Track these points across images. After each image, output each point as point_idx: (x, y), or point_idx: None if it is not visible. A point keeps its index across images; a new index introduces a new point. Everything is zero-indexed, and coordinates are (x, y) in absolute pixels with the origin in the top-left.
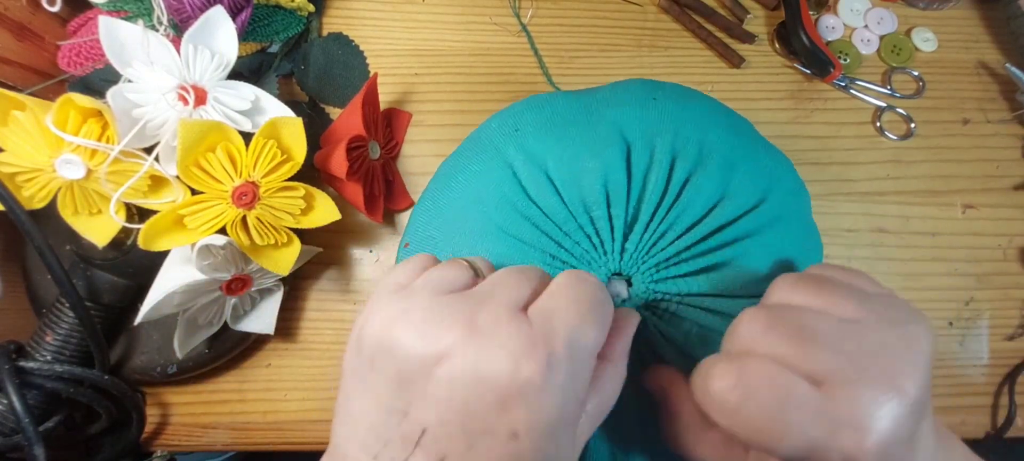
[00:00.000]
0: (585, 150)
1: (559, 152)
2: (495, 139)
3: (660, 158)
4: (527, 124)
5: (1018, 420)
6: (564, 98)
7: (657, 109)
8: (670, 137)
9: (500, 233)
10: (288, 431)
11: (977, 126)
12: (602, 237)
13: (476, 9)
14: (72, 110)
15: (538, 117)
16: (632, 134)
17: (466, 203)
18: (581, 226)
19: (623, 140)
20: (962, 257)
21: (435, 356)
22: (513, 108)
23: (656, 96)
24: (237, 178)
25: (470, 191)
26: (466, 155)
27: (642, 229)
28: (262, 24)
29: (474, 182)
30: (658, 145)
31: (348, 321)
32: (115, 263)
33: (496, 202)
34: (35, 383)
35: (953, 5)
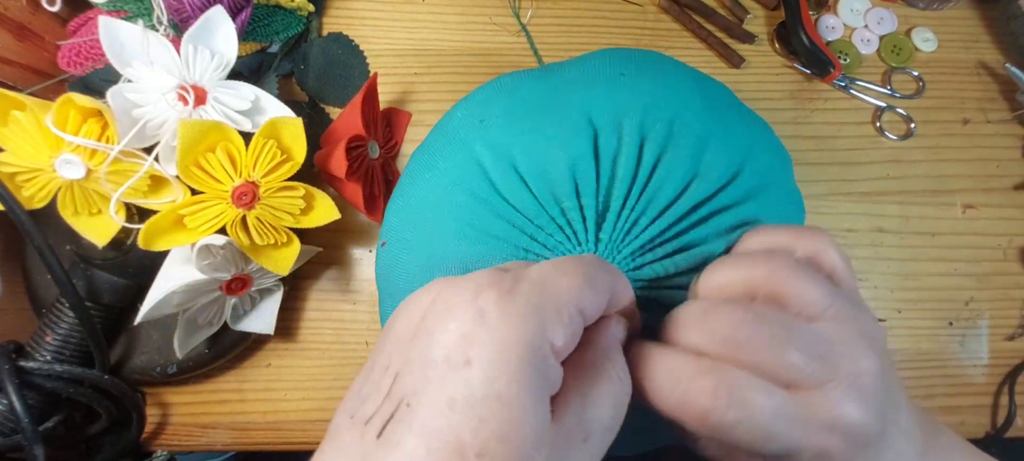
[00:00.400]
0: (552, 140)
1: (525, 143)
2: (461, 132)
3: (628, 141)
4: (492, 115)
5: (1018, 420)
6: (531, 80)
7: (625, 87)
8: (638, 117)
9: (473, 232)
10: (288, 431)
11: (977, 126)
12: (574, 228)
13: (476, 9)
14: (72, 110)
15: (504, 106)
16: (599, 118)
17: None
18: (553, 218)
19: (590, 126)
20: (962, 257)
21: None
22: (478, 95)
23: (624, 71)
24: (237, 178)
25: (440, 189)
26: (433, 150)
27: (615, 217)
28: (262, 24)
29: (442, 179)
30: (626, 127)
31: (348, 321)
32: (115, 263)
33: (466, 200)
34: (35, 383)
35: (953, 5)
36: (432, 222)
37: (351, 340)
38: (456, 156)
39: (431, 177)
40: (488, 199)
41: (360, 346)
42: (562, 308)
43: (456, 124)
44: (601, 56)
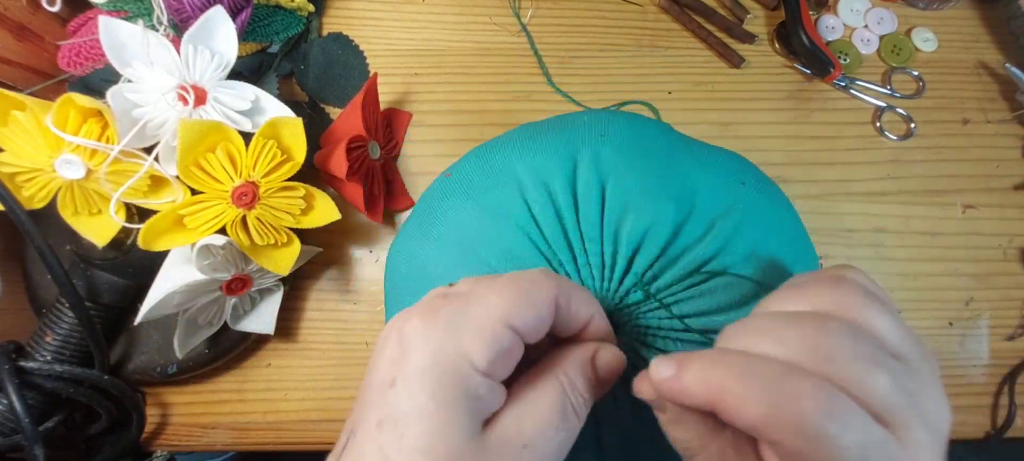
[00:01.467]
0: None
1: (623, 178)
2: (580, 129)
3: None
4: (614, 136)
5: (1018, 420)
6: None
7: (739, 194)
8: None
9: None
10: (288, 431)
11: (977, 126)
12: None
13: (476, 9)
14: (72, 110)
15: (626, 135)
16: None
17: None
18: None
19: (690, 203)
20: (962, 257)
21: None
22: (610, 113)
23: (746, 181)
24: (237, 178)
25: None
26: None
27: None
28: (262, 24)
29: (536, 157)
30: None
31: (348, 321)
32: (115, 263)
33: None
34: (35, 383)
35: (953, 5)
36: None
37: (351, 340)
38: (560, 145)
39: (525, 146)
40: (559, 196)
41: (360, 346)
42: (485, 327)
43: (578, 121)
44: (733, 156)
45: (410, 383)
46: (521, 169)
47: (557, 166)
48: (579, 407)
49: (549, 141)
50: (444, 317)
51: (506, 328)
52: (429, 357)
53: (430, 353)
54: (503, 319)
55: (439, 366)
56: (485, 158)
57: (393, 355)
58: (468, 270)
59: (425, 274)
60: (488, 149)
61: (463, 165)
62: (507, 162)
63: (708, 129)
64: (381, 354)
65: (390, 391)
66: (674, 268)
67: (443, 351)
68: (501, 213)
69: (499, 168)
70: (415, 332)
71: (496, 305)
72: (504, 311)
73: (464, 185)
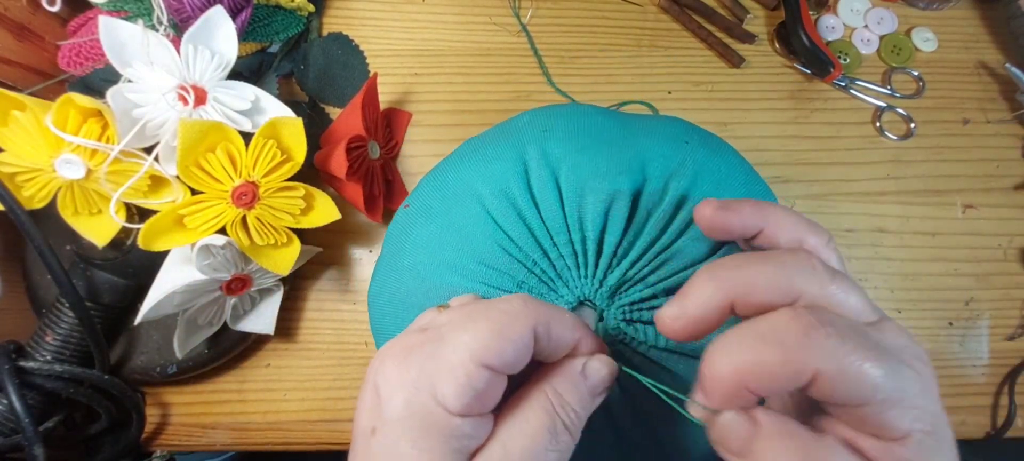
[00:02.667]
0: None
1: (576, 162)
2: (521, 132)
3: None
4: (557, 128)
5: (1018, 420)
6: (604, 116)
7: (685, 152)
8: (685, 182)
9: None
10: (288, 431)
11: (977, 126)
12: (588, 259)
13: (476, 9)
14: (72, 110)
15: (570, 125)
16: (652, 170)
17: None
18: (572, 241)
19: (641, 172)
20: (962, 257)
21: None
22: (552, 110)
23: (689, 140)
24: (237, 178)
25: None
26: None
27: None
28: (262, 24)
29: (486, 167)
30: (672, 187)
31: (348, 321)
32: (115, 263)
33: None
34: (35, 383)
35: (953, 5)
36: (461, 201)
37: (351, 340)
38: (507, 150)
39: (476, 161)
40: (519, 202)
41: (360, 346)
42: (456, 367)
43: (519, 124)
44: (674, 121)
45: (388, 432)
46: (476, 181)
47: (509, 171)
48: (571, 423)
49: (497, 149)
50: (415, 363)
51: (480, 368)
52: (403, 405)
53: (403, 400)
54: (476, 359)
55: (414, 414)
56: (440, 180)
57: (370, 403)
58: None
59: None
60: (441, 171)
61: (420, 192)
62: (462, 179)
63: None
64: (362, 399)
65: (372, 440)
66: (642, 236)
67: (417, 398)
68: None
69: (455, 186)
70: (388, 380)
71: (467, 345)
72: (476, 351)
73: (425, 211)
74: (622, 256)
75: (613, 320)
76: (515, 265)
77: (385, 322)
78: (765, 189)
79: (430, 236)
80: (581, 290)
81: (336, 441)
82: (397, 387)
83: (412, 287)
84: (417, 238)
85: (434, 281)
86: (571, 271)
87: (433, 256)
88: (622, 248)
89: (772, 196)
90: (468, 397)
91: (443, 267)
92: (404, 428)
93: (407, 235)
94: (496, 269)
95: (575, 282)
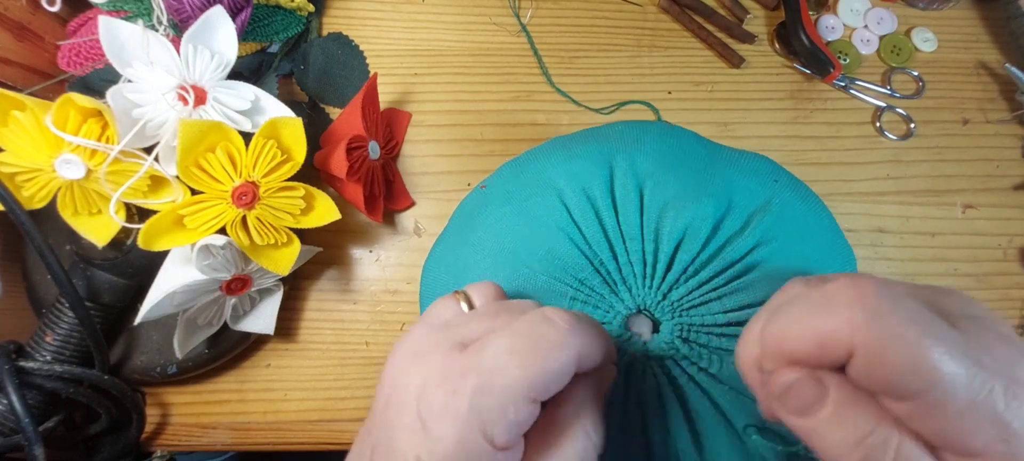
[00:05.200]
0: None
1: (661, 182)
2: (612, 140)
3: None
4: (648, 143)
5: None
6: (693, 138)
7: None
8: (769, 220)
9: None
10: (288, 431)
11: (977, 126)
12: (657, 270)
13: (476, 9)
14: (72, 110)
15: (661, 144)
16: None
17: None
18: (644, 251)
19: (727, 201)
20: (962, 257)
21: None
22: (643, 123)
23: (779, 179)
24: (237, 178)
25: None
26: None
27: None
28: (262, 24)
29: (568, 168)
30: (754, 222)
31: (348, 321)
32: (115, 263)
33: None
34: (35, 383)
35: (953, 5)
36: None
37: (351, 340)
38: (595, 152)
39: (561, 157)
40: (598, 200)
41: (360, 346)
42: (506, 405)
43: (611, 131)
44: (763, 159)
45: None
46: (558, 176)
47: (594, 172)
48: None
49: (585, 150)
50: (468, 396)
51: (528, 401)
52: (457, 443)
53: (457, 438)
54: (526, 395)
55: (463, 452)
56: (521, 169)
57: (413, 427)
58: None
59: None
60: (523, 161)
61: (499, 177)
62: (544, 171)
63: (708, 129)
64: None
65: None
66: (715, 262)
67: (467, 437)
68: (541, 217)
69: (536, 177)
70: (432, 407)
71: (519, 381)
72: (526, 387)
73: (502, 195)
74: (691, 275)
75: (669, 335)
76: (581, 261)
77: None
78: (846, 245)
79: (502, 217)
80: (642, 299)
81: (336, 441)
82: (447, 420)
83: (474, 261)
84: (489, 217)
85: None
86: (636, 279)
87: (502, 237)
88: (693, 267)
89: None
90: (515, 433)
91: (508, 250)
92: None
93: (480, 213)
94: (561, 261)
95: (638, 289)
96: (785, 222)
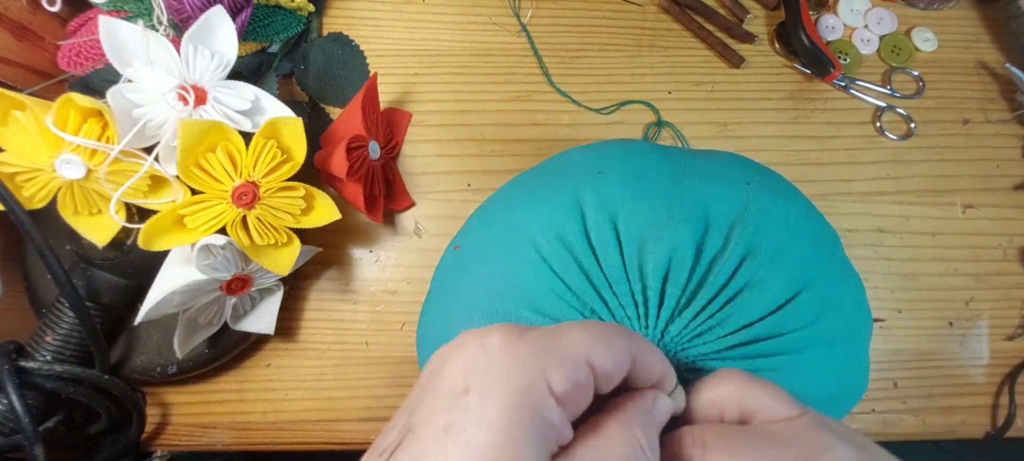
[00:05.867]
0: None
1: (633, 208)
2: (576, 172)
3: (733, 249)
4: (612, 169)
5: (1018, 420)
6: (660, 155)
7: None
8: (750, 230)
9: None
10: (288, 431)
11: (977, 126)
12: (649, 309)
13: (476, 9)
14: (72, 110)
15: (626, 167)
16: (714, 216)
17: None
18: (632, 291)
19: (704, 219)
20: (962, 257)
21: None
22: (603, 147)
23: (751, 181)
24: (237, 178)
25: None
26: (541, 177)
27: (691, 316)
28: (262, 24)
29: (539, 209)
30: (735, 234)
31: (348, 321)
32: (115, 263)
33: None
34: (35, 383)
35: (953, 5)
36: (513, 245)
37: (351, 340)
38: (560, 195)
39: (529, 202)
40: (575, 247)
41: (360, 346)
42: (567, 355)
43: (572, 165)
44: (731, 158)
45: (486, 393)
46: (531, 226)
47: (565, 215)
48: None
49: (551, 192)
50: (530, 338)
51: (586, 363)
52: (510, 372)
53: (512, 369)
54: (585, 354)
55: (518, 383)
56: (491, 220)
57: (471, 362)
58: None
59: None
60: (490, 211)
61: (470, 233)
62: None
63: (708, 129)
64: (452, 360)
65: (463, 398)
66: (705, 287)
67: (525, 370)
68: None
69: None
70: (498, 346)
71: (580, 339)
72: (587, 347)
73: (476, 254)
74: (684, 306)
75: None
76: (573, 313)
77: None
78: (833, 234)
79: (481, 280)
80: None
81: (336, 441)
82: (506, 355)
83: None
84: (470, 280)
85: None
86: (632, 322)
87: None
88: (684, 298)
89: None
90: (573, 384)
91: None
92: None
93: (459, 278)
94: (553, 316)
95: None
96: (765, 231)
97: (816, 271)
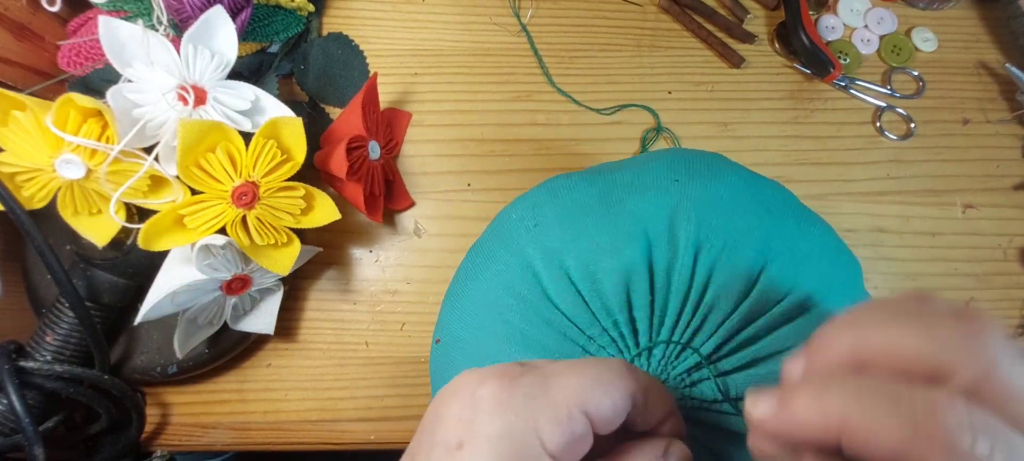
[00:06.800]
0: (603, 248)
1: (576, 250)
2: (515, 235)
3: (683, 251)
4: (545, 219)
5: None
6: (583, 184)
7: (678, 193)
8: (693, 226)
9: (524, 340)
10: (288, 431)
11: (977, 126)
12: (627, 342)
13: (476, 9)
14: (72, 110)
15: (556, 210)
16: (653, 227)
17: (490, 303)
18: (605, 330)
19: (644, 235)
20: (962, 257)
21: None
22: (532, 196)
23: (678, 177)
24: (237, 178)
25: (493, 291)
26: (488, 250)
27: (668, 332)
28: (262, 24)
29: (495, 281)
30: (681, 236)
31: (348, 321)
32: (115, 263)
33: (517, 304)
34: (35, 383)
35: (953, 5)
36: (484, 324)
37: (351, 340)
38: (510, 258)
39: (485, 278)
40: (539, 306)
41: (360, 346)
42: (560, 406)
43: (510, 226)
44: (657, 160)
45: (478, 450)
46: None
47: (519, 278)
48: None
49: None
50: (522, 389)
51: (581, 413)
52: (502, 428)
53: (503, 425)
54: (580, 403)
55: (510, 440)
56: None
57: (464, 415)
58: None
59: None
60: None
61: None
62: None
63: (708, 129)
64: (448, 408)
65: (457, 453)
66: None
67: (517, 426)
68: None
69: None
70: (490, 397)
71: (575, 387)
72: (582, 395)
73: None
74: (659, 325)
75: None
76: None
77: None
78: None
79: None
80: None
81: (336, 441)
82: (499, 409)
83: None
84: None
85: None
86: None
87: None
88: (656, 317)
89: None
90: (566, 439)
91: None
92: (495, 452)
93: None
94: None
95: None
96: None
97: (772, 237)
